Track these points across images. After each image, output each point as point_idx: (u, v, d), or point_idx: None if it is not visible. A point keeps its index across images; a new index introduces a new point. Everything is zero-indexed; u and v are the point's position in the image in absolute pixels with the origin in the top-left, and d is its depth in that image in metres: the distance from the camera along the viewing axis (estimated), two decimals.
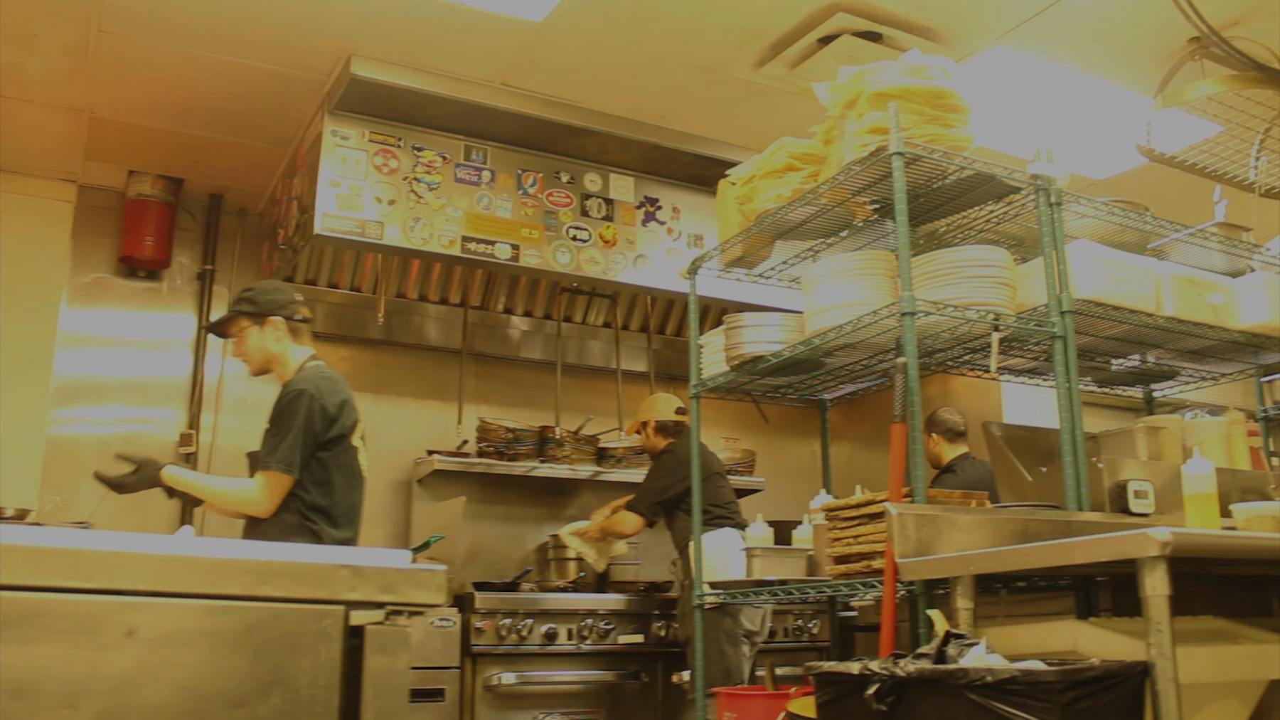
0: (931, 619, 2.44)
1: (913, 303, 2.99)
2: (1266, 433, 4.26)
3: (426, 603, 1.71)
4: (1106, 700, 1.99)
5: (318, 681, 1.60)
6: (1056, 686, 1.93)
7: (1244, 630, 2.61)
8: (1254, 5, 4.26)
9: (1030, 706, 1.93)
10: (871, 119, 3.18)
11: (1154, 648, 2.02)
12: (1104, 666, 2.02)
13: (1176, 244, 3.81)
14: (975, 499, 3.03)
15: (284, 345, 3.70)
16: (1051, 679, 1.94)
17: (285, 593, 1.61)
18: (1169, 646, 2.00)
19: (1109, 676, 2.01)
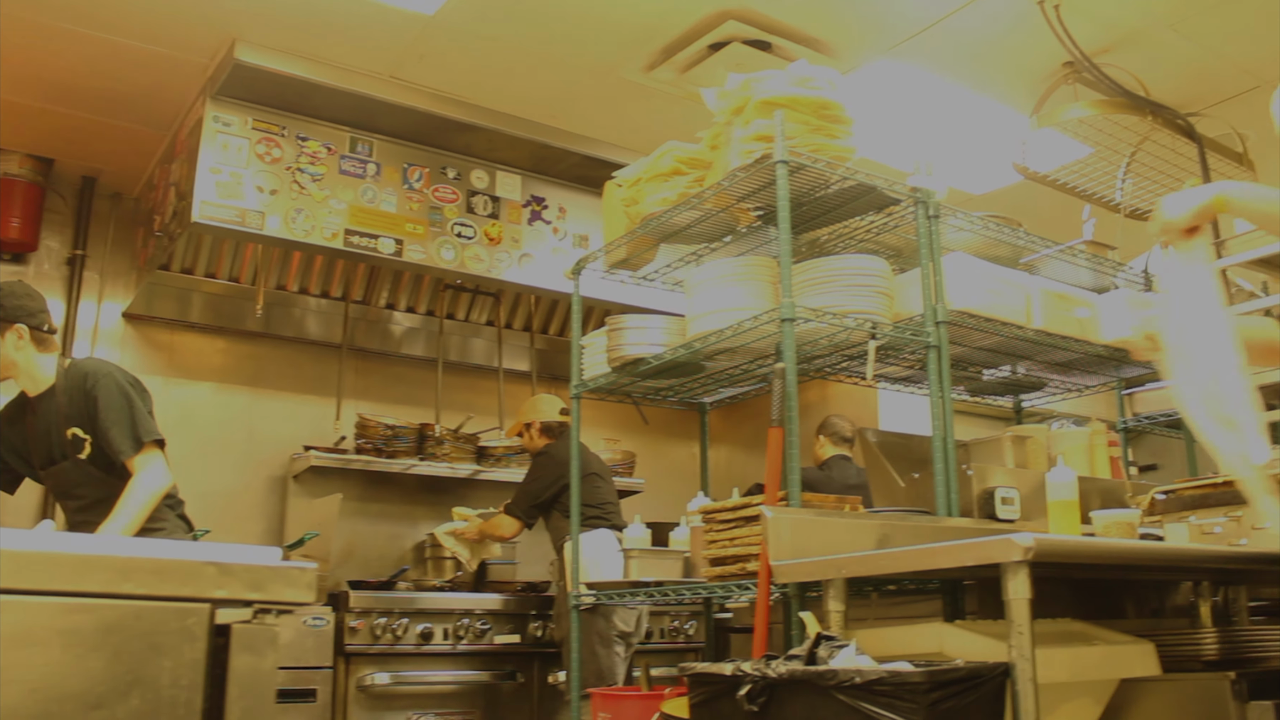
0: (804, 621, 2.47)
1: (792, 309, 3.02)
2: (1126, 443, 4.42)
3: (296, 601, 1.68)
4: (970, 700, 2.03)
5: (180, 682, 1.56)
6: (922, 687, 1.96)
7: (1099, 632, 2.70)
8: (1124, 35, 4.43)
9: (897, 707, 1.96)
10: (757, 127, 3.21)
11: (1015, 649, 2.07)
12: (968, 667, 2.06)
13: (1047, 260, 3.93)
14: (849, 503, 3.08)
15: (26, 354, 3.51)
16: (917, 680, 1.97)
17: (148, 590, 1.57)
18: (1029, 648, 2.05)
19: (972, 677, 2.05)
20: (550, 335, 6.47)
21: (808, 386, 5.96)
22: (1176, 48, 4.52)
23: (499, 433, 6.11)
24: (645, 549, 3.70)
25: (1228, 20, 4.36)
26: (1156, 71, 4.59)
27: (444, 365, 6.17)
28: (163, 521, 3.54)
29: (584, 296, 4.16)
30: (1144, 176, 4.83)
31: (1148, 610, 3.31)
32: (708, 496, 3.97)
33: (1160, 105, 4.47)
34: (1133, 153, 4.65)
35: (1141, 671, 2.59)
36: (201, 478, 5.32)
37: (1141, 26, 4.38)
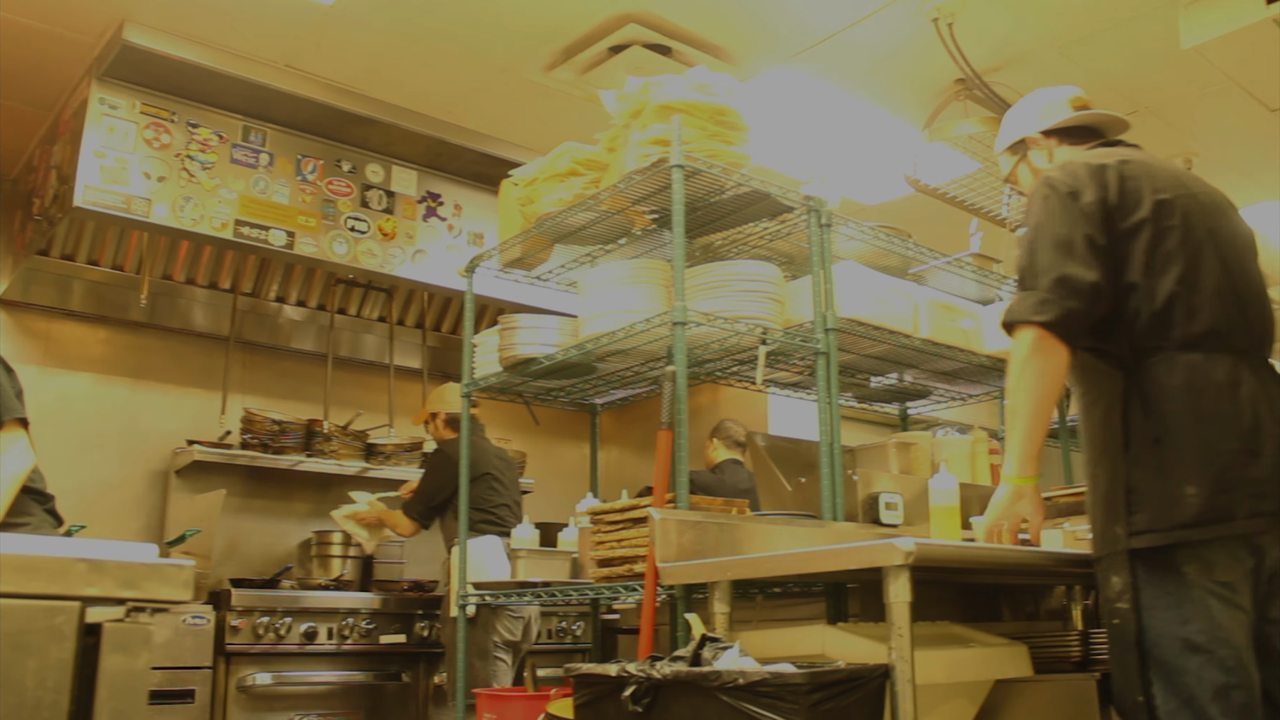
0: (689, 623, 2.49)
1: (684, 313, 3.04)
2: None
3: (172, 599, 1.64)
4: (850, 701, 2.06)
5: (46, 683, 1.51)
6: (804, 688, 1.98)
7: (975, 634, 2.76)
8: (1013, 56, 4.55)
9: (779, 707, 1.98)
10: (655, 130, 3.22)
11: (895, 651, 2.10)
12: (849, 669, 2.09)
13: (935, 271, 4.01)
14: (736, 506, 3.11)
15: None
16: (799, 681, 1.99)
17: (13, 588, 1.51)
18: (908, 650, 2.09)
19: (853, 678, 2.08)
20: (443, 333, 6.41)
21: (699, 390, 6.00)
22: (1063, 70, 4.65)
23: (389, 430, 6.03)
24: (533, 549, 3.69)
25: (1110, 48, 4.51)
26: None
27: (334, 361, 6.07)
28: (28, 517, 3.42)
29: (478, 295, 4.13)
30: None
31: (1023, 613, 3.40)
32: (597, 497, 3.97)
33: None
34: None
35: (1014, 673, 2.65)
36: (78, 471, 5.17)
37: (1030, 48, 4.51)
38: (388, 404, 6.18)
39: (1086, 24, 4.35)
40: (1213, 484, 2.16)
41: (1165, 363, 2.27)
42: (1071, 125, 2.72)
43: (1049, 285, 2.29)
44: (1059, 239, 2.33)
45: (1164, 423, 2.23)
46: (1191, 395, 2.23)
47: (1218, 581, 2.15)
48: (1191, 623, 2.13)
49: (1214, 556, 2.15)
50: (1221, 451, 2.18)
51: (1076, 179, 2.40)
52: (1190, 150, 5.43)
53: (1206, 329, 2.28)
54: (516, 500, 5.24)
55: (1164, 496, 2.18)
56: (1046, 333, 2.27)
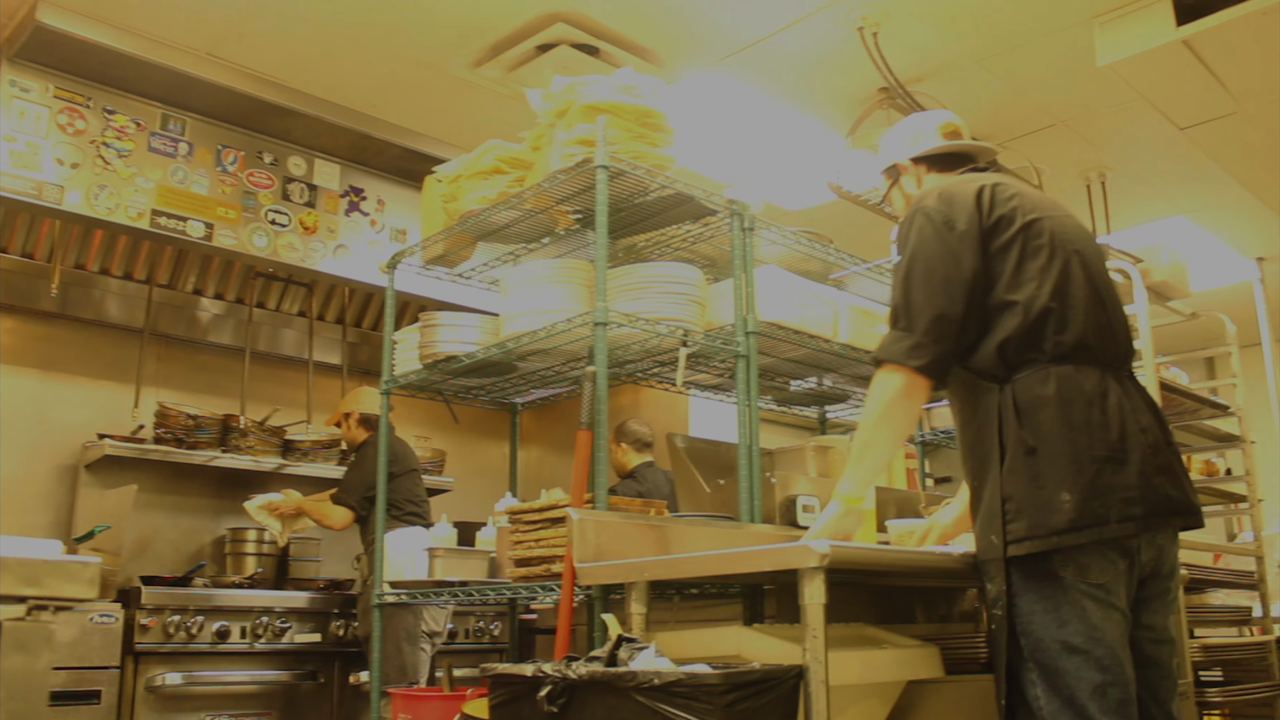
0: (606, 623, 2.49)
1: (606, 313, 3.04)
2: (923, 456, 4.60)
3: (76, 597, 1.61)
4: (765, 701, 2.07)
5: None
6: (719, 689, 1.99)
7: (889, 636, 2.80)
8: (936, 66, 4.63)
9: (694, 708, 1.99)
10: (580, 130, 3.22)
11: (809, 652, 2.11)
12: (764, 670, 2.10)
13: (855, 276, 4.06)
14: (655, 507, 3.12)
15: None
16: (714, 682, 2.00)
17: None
18: (822, 651, 2.11)
19: (768, 679, 2.09)
20: (363, 329, 6.35)
21: (619, 390, 6.01)
22: (983, 82, 4.74)
23: (306, 426, 5.96)
24: (451, 548, 3.67)
25: (1029, 62, 4.60)
26: (964, 103, 4.81)
27: (251, 355, 5.98)
28: None
29: (399, 291, 4.09)
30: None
31: (936, 616, 3.44)
32: (516, 497, 3.96)
33: None
34: None
35: (926, 674, 2.69)
36: None
37: (952, 59, 4.58)
38: (306, 400, 6.10)
39: (1006, 38, 4.43)
40: (1085, 490, 2.23)
41: (1038, 375, 2.34)
42: (940, 153, 2.78)
43: (924, 328, 2.36)
44: (933, 274, 2.40)
45: (1038, 433, 2.29)
46: (1063, 405, 2.30)
47: (1092, 584, 2.22)
48: (1068, 625, 2.20)
49: (1088, 560, 2.22)
50: (1093, 459, 2.25)
51: (951, 205, 2.45)
52: (1103, 165, 5.56)
53: (1076, 342, 2.35)
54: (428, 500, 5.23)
55: (1039, 504, 2.24)
56: (919, 377, 2.35)
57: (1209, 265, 6.71)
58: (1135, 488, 2.26)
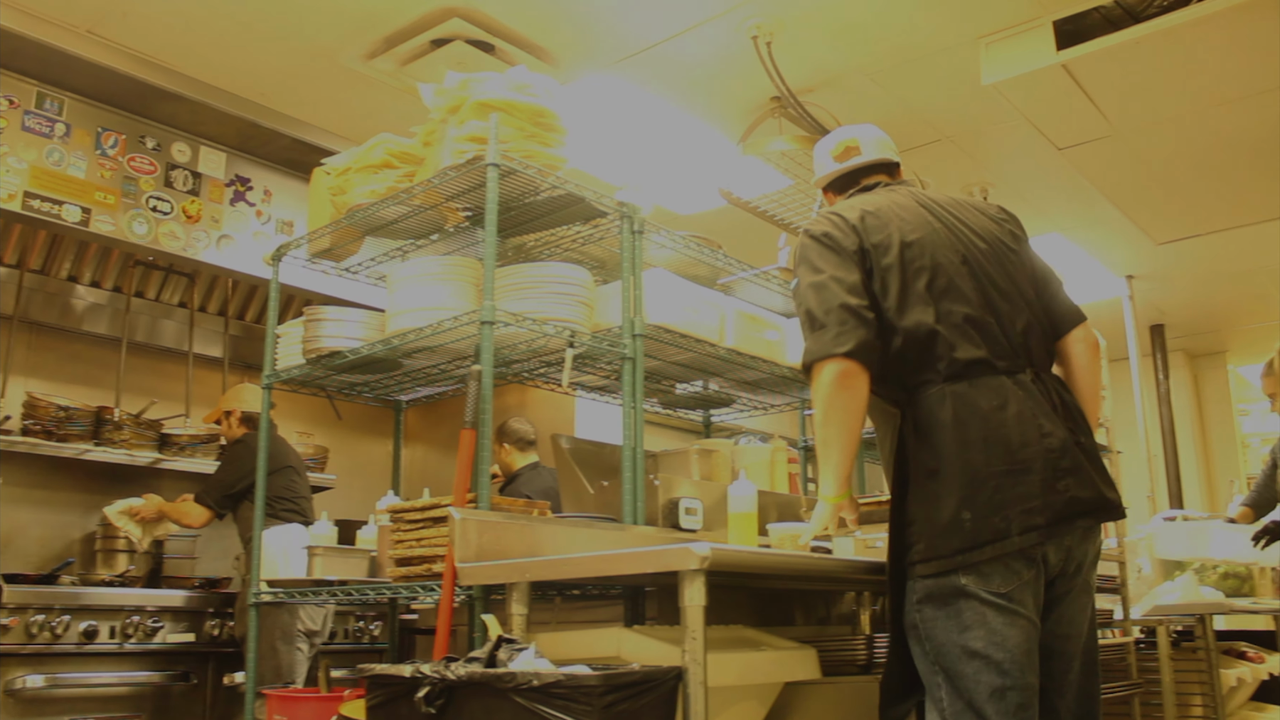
0: (486, 623, 2.48)
1: (493, 312, 3.03)
2: (805, 461, 4.67)
3: None
4: (644, 703, 2.08)
5: None
6: (597, 690, 2.00)
7: (767, 638, 2.84)
8: (828, 78, 4.70)
9: (572, 709, 1.99)
10: (472, 127, 3.20)
11: (688, 654, 2.13)
12: (643, 671, 2.11)
13: (742, 282, 4.10)
14: (538, 508, 3.12)
15: None
16: (593, 683, 2.01)
17: None
18: (701, 653, 2.13)
19: (646, 680, 2.10)
20: (246, 322, 6.21)
21: (506, 390, 5.98)
22: (873, 96, 4.83)
23: (184, 420, 5.81)
24: (331, 547, 3.61)
25: (917, 78, 4.71)
26: (854, 115, 4.87)
27: (128, 346, 5.80)
28: None
29: (284, 284, 4.02)
30: None
31: (815, 618, 3.50)
32: (398, 496, 3.92)
33: None
34: None
35: (803, 675, 2.73)
36: None
37: (844, 72, 4.66)
38: (185, 393, 5.94)
39: (897, 53, 4.53)
40: (985, 507, 2.29)
41: (935, 395, 2.40)
42: (836, 176, 2.87)
43: (837, 319, 2.39)
44: (830, 279, 2.46)
45: (937, 454, 2.35)
46: (959, 425, 2.35)
47: (994, 593, 2.27)
48: (970, 631, 2.26)
49: (990, 570, 2.28)
50: (991, 475, 2.31)
51: (832, 227, 2.54)
52: (986, 181, 5.71)
53: (969, 358, 2.41)
54: (311, 496, 5.14)
55: (939, 525, 2.30)
56: (848, 361, 2.36)
57: (1081, 281, 6.95)
58: (1037, 497, 2.31)
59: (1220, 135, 5.15)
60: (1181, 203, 6.03)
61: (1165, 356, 8.40)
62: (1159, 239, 6.55)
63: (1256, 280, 7.47)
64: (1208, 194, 5.92)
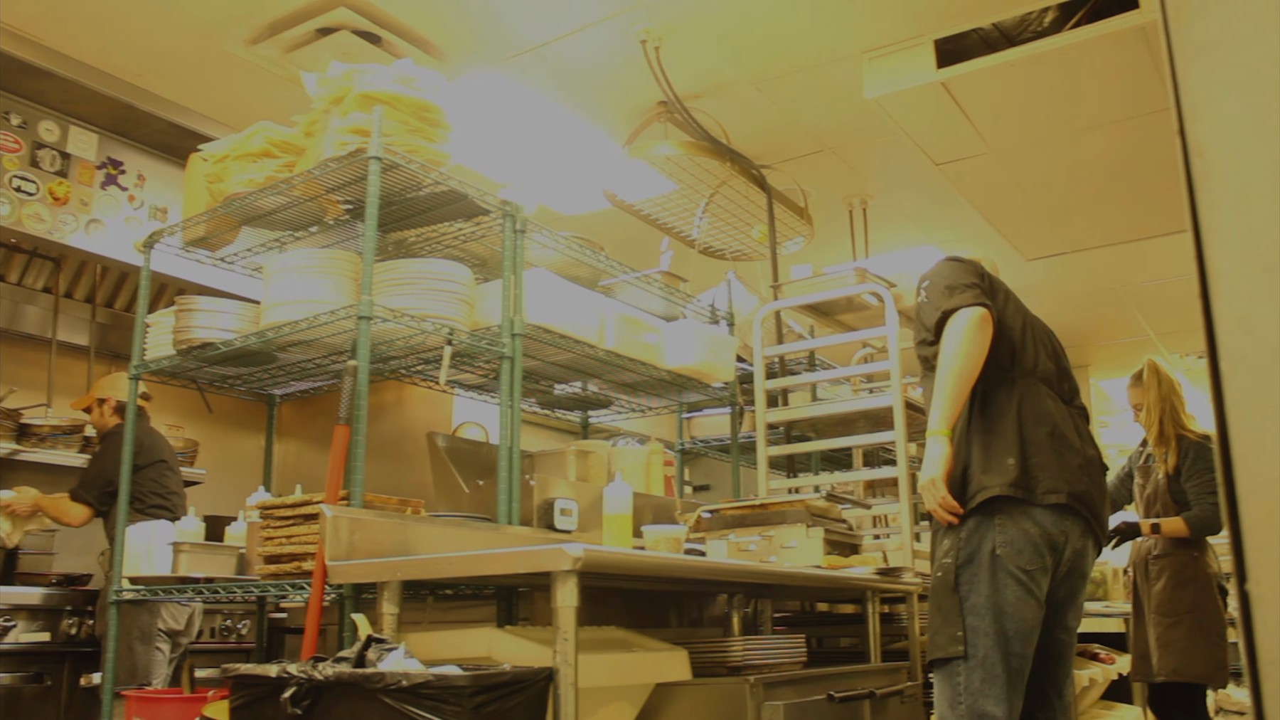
0: (356, 623, 2.45)
1: (370, 307, 2.99)
2: (682, 464, 4.72)
3: None
4: (514, 703, 2.08)
5: None
6: (467, 691, 1.99)
7: (639, 639, 2.85)
8: (715, 85, 4.75)
9: (441, 710, 1.98)
10: (355, 119, 3.16)
11: (560, 655, 2.13)
12: (513, 672, 2.11)
13: (624, 285, 4.12)
14: (412, 506, 3.09)
15: None
16: (463, 684, 2.00)
17: None
18: (573, 654, 2.13)
19: (517, 681, 2.10)
20: (115, 310, 6.02)
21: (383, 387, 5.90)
22: (758, 104, 4.89)
23: (46, 410, 5.61)
24: (198, 543, 3.53)
25: (802, 89, 4.78)
26: (739, 123, 4.96)
27: None
28: None
29: (156, 272, 3.91)
30: (719, 217, 5.20)
31: (688, 619, 3.53)
32: (269, 491, 3.84)
33: (739, 154, 4.83)
34: (711, 194, 4.99)
35: (674, 676, 2.75)
36: None
37: (731, 80, 4.72)
38: (47, 382, 5.74)
39: (783, 64, 4.59)
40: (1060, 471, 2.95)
41: (1005, 382, 3.01)
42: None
43: (976, 289, 2.95)
44: (954, 276, 3.03)
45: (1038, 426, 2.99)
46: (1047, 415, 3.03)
47: (1021, 568, 2.85)
48: (1000, 592, 2.83)
49: (1022, 546, 2.86)
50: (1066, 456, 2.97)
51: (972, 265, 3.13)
52: (866, 192, 5.83)
53: (1029, 371, 3.07)
54: (183, 492, 5.00)
55: (1022, 470, 2.96)
56: (985, 310, 2.89)
57: None
58: (1070, 481, 2.93)
59: (1088, 158, 5.35)
60: (1051, 221, 6.24)
61: None
62: (1028, 255, 6.77)
63: (1119, 298, 7.77)
64: (1075, 214, 6.14)
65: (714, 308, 4.59)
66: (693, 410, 5.10)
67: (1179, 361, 9.34)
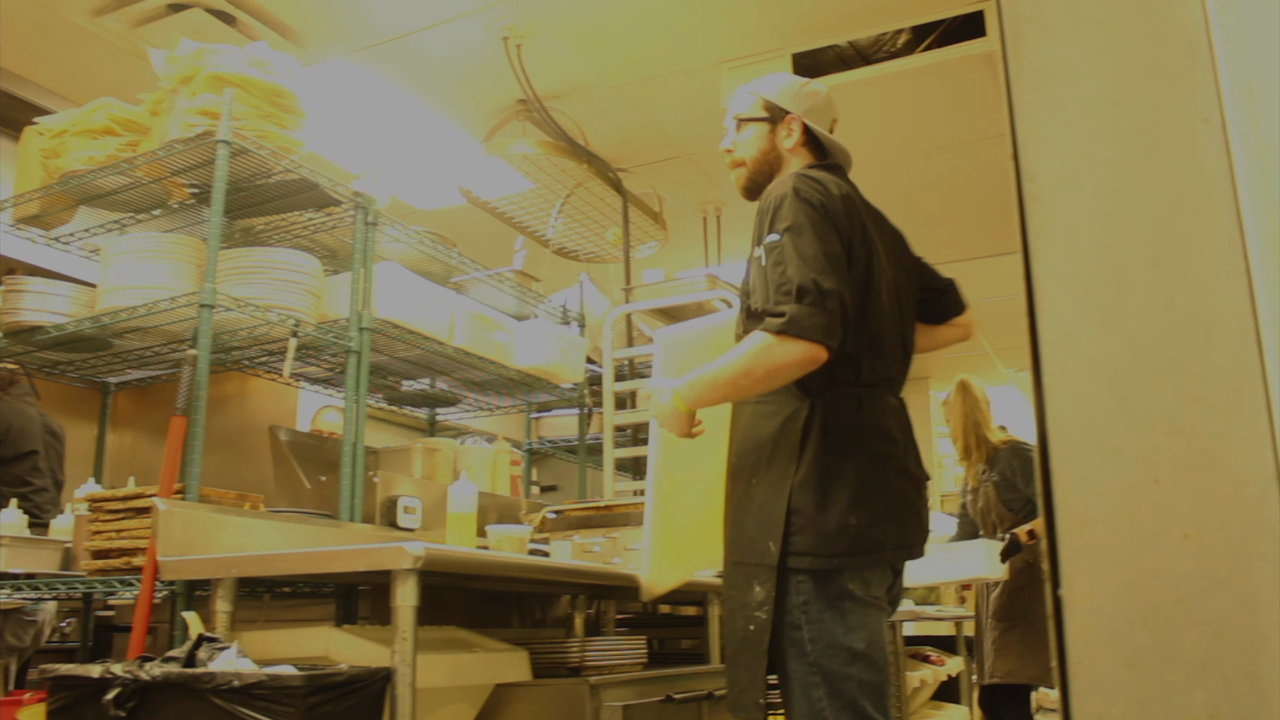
0: (187, 621, 2.39)
1: (213, 295, 2.91)
2: (529, 464, 4.71)
3: None
4: (350, 704, 2.06)
5: None
6: (301, 691, 1.96)
7: (479, 640, 2.85)
8: (574, 86, 4.76)
9: (274, 711, 1.95)
10: (204, 100, 3.07)
11: (398, 655, 2.12)
12: (349, 672, 2.09)
13: (476, 282, 4.11)
14: (250, 501, 3.02)
15: None
16: (297, 683, 1.97)
17: None
18: (411, 654, 2.12)
19: (353, 681, 2.08)
20: None
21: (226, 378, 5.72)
22: (618, 108, 4.92)
23: None
24: (19, 537, 3.37)
25: (661, 94, 4.83)
26: (598, 125, 4.98)
27: None
28: None
29: None
30: (574, 218, 5.21)
31: (531, 620, 3.54)
32: (99, 484, 3.70)
33: (596, 157, 4.85)
34: (568, 195, 5.00)
35: (514, 677, 2.75)
36: None
37: (591, 82, 4.73)
38: None
39: (643, 69, 4.63)
40: (874, 515, 2.33)
41: (850, 398, 2.38)
42: (821, 139, 2.67)
43: (837, 305, 2.23)
44: (826, 254, 2.28)
45: (838, 456, 2.35)
46: (864, 434, 2.37)
47: (874, 595, 2.35)
48: (855, 632, 2.30)
49: (872, 575, 2.35)
50: (879, 486, 2.36)
51: (829, 200, 2.37)
52: (719, 200, 5.92)
53: (885, 374, 2.44)
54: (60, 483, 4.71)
55: (826, 525, 2.31)
56: (823, 354, 2.22)
57: None
58: (914, 515, 2.42)
59: (931, 178, 5.53)
60: None
61: None
62: None
63: None
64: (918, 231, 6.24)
65: (566, 309, 4.60)
66: (542, 410, 5.09)
67: (1013, 376, 9.74)
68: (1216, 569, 0.94)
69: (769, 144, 2.64)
